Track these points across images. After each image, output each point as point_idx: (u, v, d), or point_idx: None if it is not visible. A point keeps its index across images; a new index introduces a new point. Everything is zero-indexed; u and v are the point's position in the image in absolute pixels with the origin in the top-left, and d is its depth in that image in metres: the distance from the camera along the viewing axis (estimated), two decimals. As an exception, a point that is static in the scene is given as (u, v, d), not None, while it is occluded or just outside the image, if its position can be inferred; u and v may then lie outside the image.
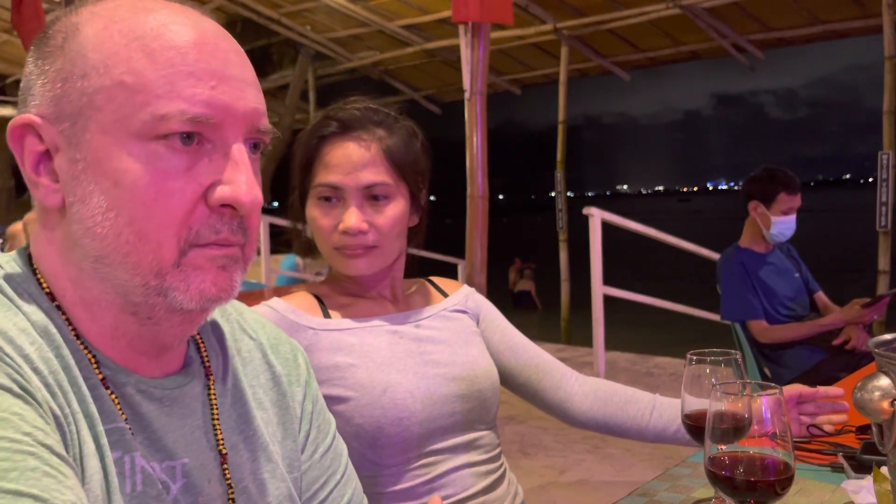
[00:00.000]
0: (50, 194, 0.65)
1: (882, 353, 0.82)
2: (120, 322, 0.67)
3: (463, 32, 4.03)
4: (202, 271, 0.65)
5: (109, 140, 0.63)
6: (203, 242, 0.65)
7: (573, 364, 1.45)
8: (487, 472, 1.25)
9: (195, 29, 0.66)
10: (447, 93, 10.96)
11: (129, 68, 0.63)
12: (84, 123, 0.64)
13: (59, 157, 0.65)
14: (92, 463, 0.61)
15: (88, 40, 0.64)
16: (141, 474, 0.65)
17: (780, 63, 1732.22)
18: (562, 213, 8.43)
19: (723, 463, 0.86)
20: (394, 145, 1.22)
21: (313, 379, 0.90)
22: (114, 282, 0.65)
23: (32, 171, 0.66)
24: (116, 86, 0.63)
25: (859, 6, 6.81)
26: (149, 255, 0.64)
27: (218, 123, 0.65)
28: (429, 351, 1.25)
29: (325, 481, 0.86)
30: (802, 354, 2.98)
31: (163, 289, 0.65)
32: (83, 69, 0.64)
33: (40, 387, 0.59)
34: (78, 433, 0.61)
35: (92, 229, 0.64)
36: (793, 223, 3.05)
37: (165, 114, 0.62)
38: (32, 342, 0.62)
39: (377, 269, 1.24)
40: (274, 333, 0.88)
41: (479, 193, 4.15)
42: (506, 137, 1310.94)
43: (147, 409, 0.68)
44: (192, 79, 0.63)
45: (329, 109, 1.26)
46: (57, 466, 0.54)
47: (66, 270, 0.67)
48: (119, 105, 0.63)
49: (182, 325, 0.69)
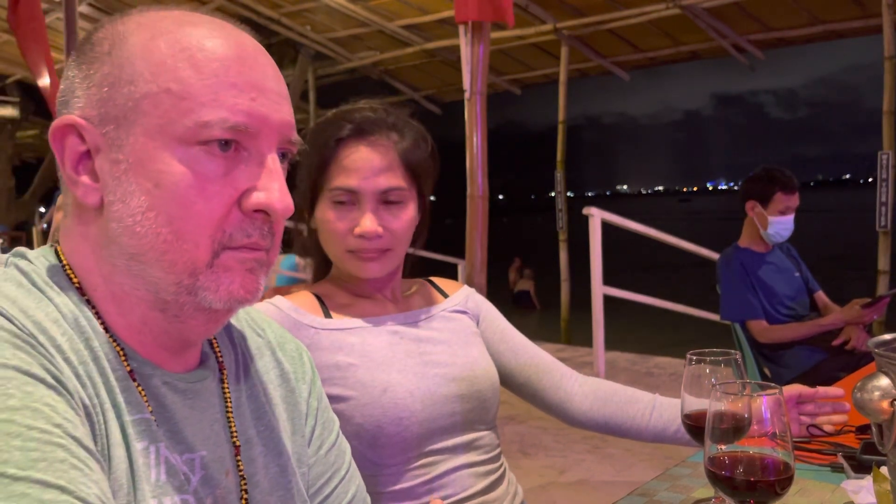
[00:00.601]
0: (90, 193, 0.68)
1: (882, 353, 0.82)
2: (148, 318, 0.70)
3: (463, 32, 4.03)
4: (232, 273, 0.68)
5: (153, 144, 0.66)
6: (235, 245, 0.68)
7: (573, 364, 1.45)
8: (487, 473, 1.25)
9: (236, 43, 0.70)
10: (447, 93, 10.96)
11: (175, 77, 0.66)
12: (128, 127, 0.67)
13: (101, 157, 0.68)
14: (118, 452, 0.64)
15: (136, 49, 0.67)
16: (165, 464, 0.67)
17: (780, 63, 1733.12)
18: (562, 213, 8.43)
19: (723, 463, 0.86)
20: (408, 149, 1.23)
21: (317, 377, 0.92)
22: (147, 279, 0.68)
23: (73, 170, 0.69)
24: (163, 92, 0.66)
25: (859, 6, 6.81)
26: (185, 254, 0.67)
27: (255, 133, 0.68)
28: (429, 351, 1.25)
29: (330, 477, 0.88)
30: (802, 354, 2.98)
31: (194, 288, 0.68)
32: (130, 76, 0.67)
33: (71, 377, 0.62)
34: (105, 423, 0.64)
35: (131, 227, 0.66)
36: (790, 223, 3.04)
37: (209, 121, 0.66)
38: (63, 333, 0.64)
39: (388, 271, 1.25)
40: (280, 332, 0.90)
41: (479, 193, 4.15)
42: (506, 137, 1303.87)
43: (171, 402, 0.71)
44: (235, 90, 0.67)
45: (341, 111, 1.26)
46: (84, 459, 0.57)
47: (99, 266, 0.69)
48: (165, 111, 0.66)
49: (207, 323, 0.72)
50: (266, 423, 0.80)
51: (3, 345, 0.59)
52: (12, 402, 0.55)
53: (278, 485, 0.79)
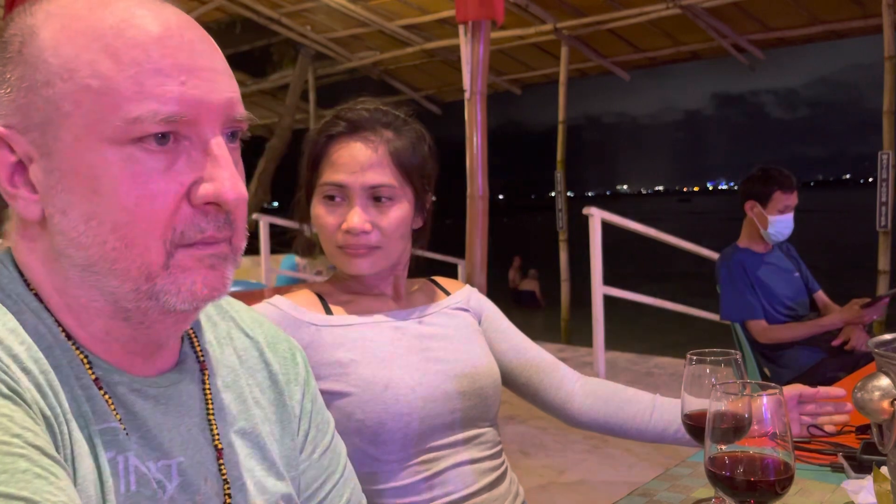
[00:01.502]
0: (30, 206, 0.64)
1: (882, 353, 0.82)
2: (111, 327, 0.67)
3: (463, 32, 4.03)
4: (191, 272, 0.64)
5: (82, 146, 0.61)
6: (189, 242, 0.64)
7: (573, 364, 1.45)
8: (489, 470, 1.25)
9: (157, 21, 0.63)
10: (447, 93, 10.95)
11: (93, 71, 0.61)
12: (54, 132, 0.61)
13: (34, 167, 0.63)
14: (85, 463, 0.61)
15: (47, 44, 0.62)
16: (135, 474, 0.64)
17: (780, 63, 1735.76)
18: (562, 213, 8.43)
19: (723, 463, 0.86)
20: (401, 147, 1.23)
21: (312, 378, 0.89)
22: (104, 289, 0.64)
23: (8, 183, 0.64)
24: (82, 90, 0.61)
25: (859, 6, 6.81)
26: (136, 260, 0.62)
27: (193, 119, 0.62)
28: (431, 347, 1.26)
29: (325, 481, 0.86)
30: (802, 354, 2.98)
31: (154, 292, 0.64)
32: (46, 76, 0.61)
33: (30, 387, 0.59)
34: (70, 433, 0.61)
35: (76, 239, 0.62)
36: (790, 222, 3.05)
37: (137, 116, 0.60)
38: (22, 342, 0.61)
39: (379, 269, 1.25)
40: (272, 332, 0.87)
41: (479, 193, 4.15)
42: (506, 137, 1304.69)
43: (141, 408, 0.67)
44: (160, 76, 0.61)
45: (338, 109, 1.27)
46: (48, 467, 0.54)
47: (51, 279, 0.66)
48: (88, 110, 0.61)
49: (176, 324, 0.69)
50: (251, 425, 0.77)
51: None
52: None
53: (265, 488, 0.76)
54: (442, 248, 5.74)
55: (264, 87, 11.36)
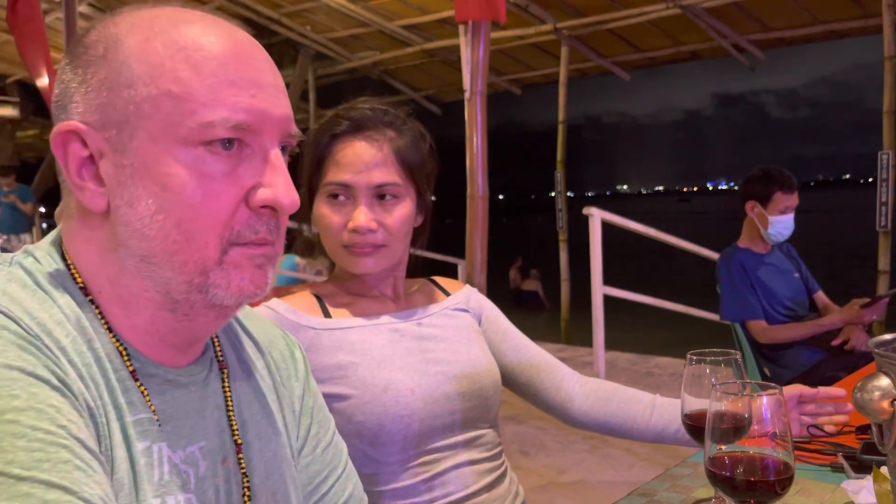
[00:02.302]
0: (96, 198, 0.68)
1: (882, 353, 0.82)
2: (156, 318, 0.70)
3: (463, 32, 4.03)
4: (241, 269, 0.69)
5: (157, 147, 0.66)
6: (243, 241, 0.69)
7: (573, 364, 1.45)
8: (489, 471, 1.25)
9: (232, 39, 0.69)
10: (447, 93, 10.96)
11: (174, 78, 0.66)
12: (131, 131, 0.66)
13: (105, 162, 0.68)
14: (119, 453, 0.64)
15: (132, 51, 0.67)
16: (168, 463, 0.68)
17: (780, 63, 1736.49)
18: (562, 213, 8.43)
19: (723, 463, 0.86)
20: (404, 146, 1.23)
21: (311, 375, 0.91)
22: (157, 280, 0.68)
23: (77, 175, 0.68)
24: (163, 95, 0.66)
25: (859, 6, 6.81)
26: (195, 254, 0.67)
27: (257, 129, 0.68)
28: (430, 349, 1.25)
29: (327, 476, 0.88)
30: (802, 354, 2.98)
31: (205, 286, 0.68)
32: (129, 79, 0.66)
33: (76, 379, 0.62)
34: (108, 424, 0.64)
35: (140, 231, 0.67)
36: (791, 222, 3.05)
37: (211, 121, 0.66)
38: (67, 334, 0.64)
39: (383, 267, 1.25)
40: (269, 329, 0.90)
41: (479, 193, 4.15)
42: (506, 137, 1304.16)
43: (173, 397, 0.71)
44: (234, 88, 0.67)
45: (339, 108, 1.27)
46: (87, 461, 0.57)
47: (105, 269, 0.69)
48: (166, 113, 0.66)
49: (216, 319, 0.73)
50: (259, 407, 0.81)
51: (9, 346, 0.59)
52: (17, 402, 0.56)
53: (274, 469, 0.79)
54: (442, 248, 5.74)
55: (264, 87, 11.33)
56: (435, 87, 10.89)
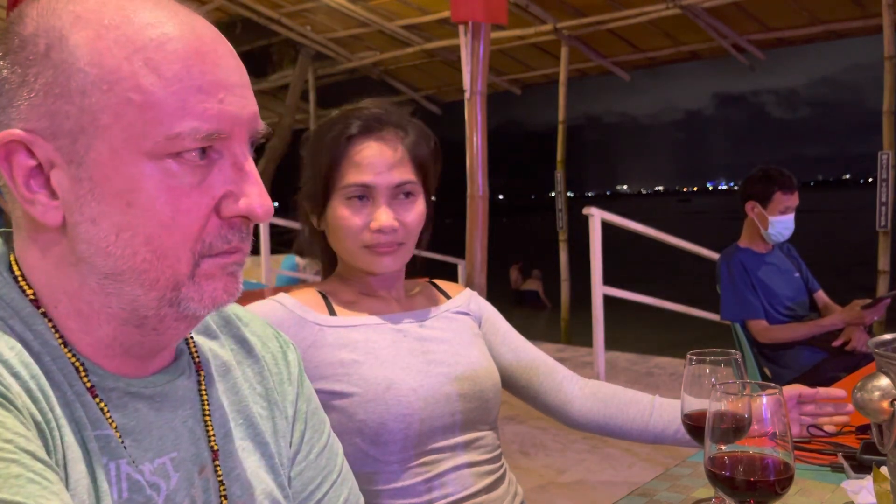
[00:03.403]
0: (49, 212, 0.63)
1: (882, 353, 0.82)
2: (119, 333, 0.67)
3: (463, 32, 4.03)
4: (214, 279, 0.66)
5: (118, 159, 0.61)
6: (215, 253, 0.65)
7: (573, 364, 1.45)
8: (488, 473, 1.26)
9: (194, 34, 0.63)
10: (447, 93, 10.95)
11: (134, 85, 0.61)
12: (87, 141, 0.61)
13: (58, 173, 0.62)
14: (78, 468, 0.61)
15: (82, 52, 0.61)
16: (127, 481, 0.64)
17: (780, 63, 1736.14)
18: (562, 213, 8.43)
19: (723, 463, 0.86)
20: (415, 143, 1.25)
21: (306, 378, 0.88)
22: (123, 296, 0.65)
23: (25, 188, 0.62)
24: (124, 103, 0.61)
25: (859, 6, 6.81)
26: (166, 271, 0.64)
27: (227, 135, 0.64)
28: (432, 350, 1.26)
29: (321, 481, 0.85)
30: (802, 354, 2.98)
31: (177, 300, 0.65)
32: (81, 85, 0.60)
33: (20, 392, 0.58)
34: (62, 438, 0.61)
35: (105, 249, 0.63)
36: (791, 222, 3.05)
37: (179, 132, 0.61)
38: (11, 347, 0.60)
39: (400, 265, 1.27)
40: (263, 330, 0.86)
41: (479, 193, 4.15)
42: (506, 137, 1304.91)
43: (136, 409, 0.68)
44: (202, 94, 0.62)
45: (346, 109, 1.27)
46: (41, 472, 0.54)
47: (63, 284, 0.65)
48: (128, 123, 0.61)
49: (186, 329, 0.70)
50: (245, 416, 0.77)
51: None
52: None
53: (260, 479, 0.76)
54: (442, 248, 5.74)
55: (264, 88, 11.35)
56: (435, 87, 10.89)
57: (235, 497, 0.73)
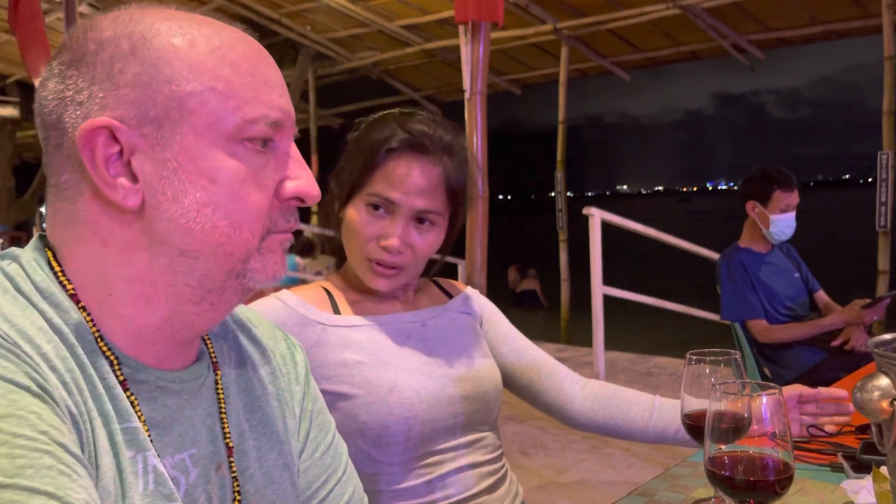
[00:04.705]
0: (130, 195, 0.67)
1: (882, 353, 0.82)
2: (175, 312, 0.70)
3: (463, 32, 4.03)
4: (275, 253, 0.73)
5: (202, 141, 0.67)
6: (278, 230, 0.72)
7: (573, 364, 1.45)
8: (489, 473, 1.26)
9: (248, 41, 0.73)
10: (447, 93, 10.96)
11: (216, 75, 0.68)
12: (173, 126, 0.67)
13: (140, 158, 0.67)
14: (106, 460, 0.63)
15: (167, 48, 0.67)
16: (153, 473, 0.66)
17: (780, 63, 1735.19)
18: (562, 213, 8.44)
19: (723, 463, 0.86)
20: (454, 172, 1.23)
21: (311, 378, 0.90)
22: (194, 274, 0.69)
23: (107, 173, 0.66)
24: (208, 91, 0.67)
25: (859, 6, 6.81)
26: (241, 244, 0.70)
27: (283, 126, 0.72)
28: (434, 351, 1.26)
29: (326, 479, 0.87)
30: (802, 354, 2.98)
31: (244, 271, 0.71)
32: (169, 76, 0.67)
33: (57, 385, 0.61)
34: (93, 431, 0.63)
35: (185, 225, 0.67)
36: (792, 220, 3.05)
37: (254, 118, 0.69)
38: (49, 340, 0.63)
39: (394, 288, 1.26)
40: (271, 331, 0.89)
41: (478, 193, 4.14)
42: (506, 137, 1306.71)
43: (164, 404, 0.70)
44: (268, 87, 0.71)
45: (398, 116, 1.25)
46: (71, 465, 0.56)
47: (125, 270, 0.68)
48: (212, 109, 0.67)
49: (228, 310, 0.74)
50: (260, 416, 0.80)
51: None
52: None
53: (273, 478, 0.79)
54: (442, 248, 5.75)
55: (264, 87, 11.33)
56: (435, 87, 10.90)
57: (249, 495, 0.76)
